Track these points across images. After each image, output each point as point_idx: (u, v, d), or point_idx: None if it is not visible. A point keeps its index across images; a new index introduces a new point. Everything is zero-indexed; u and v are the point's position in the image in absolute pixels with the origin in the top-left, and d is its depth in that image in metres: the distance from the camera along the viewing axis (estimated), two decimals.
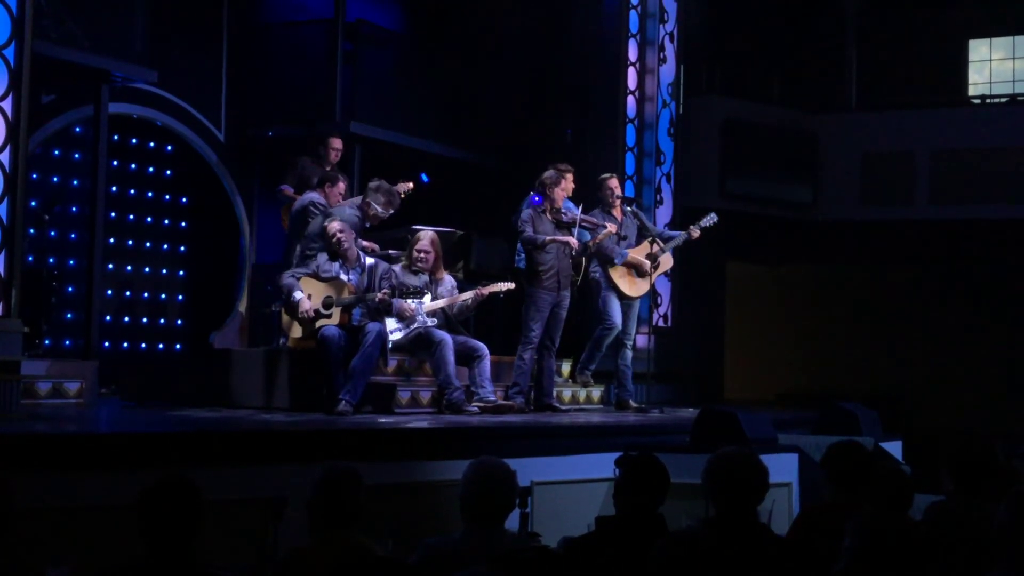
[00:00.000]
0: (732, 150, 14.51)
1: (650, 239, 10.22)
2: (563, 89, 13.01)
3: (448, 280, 9.64)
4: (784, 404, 14.13)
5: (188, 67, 11.85)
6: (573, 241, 9.61)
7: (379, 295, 8.89)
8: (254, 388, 9.28)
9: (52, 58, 9.31)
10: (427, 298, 9.35)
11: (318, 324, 8.82)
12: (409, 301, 9.07)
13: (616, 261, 10.21)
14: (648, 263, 10.16)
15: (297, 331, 9.01)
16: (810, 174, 15.09)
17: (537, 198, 9.70)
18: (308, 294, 8.92)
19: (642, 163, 12.74)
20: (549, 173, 9.67)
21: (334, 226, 9.06)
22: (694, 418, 8.33)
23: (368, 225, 9.60)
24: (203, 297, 12.44)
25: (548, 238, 9.50)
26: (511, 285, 9.52)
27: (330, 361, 8.66)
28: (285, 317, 9.12)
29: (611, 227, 10.03)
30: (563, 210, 9.70)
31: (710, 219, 10.48)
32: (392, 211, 9.56)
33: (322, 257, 9.12)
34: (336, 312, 8.83)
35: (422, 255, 9.38)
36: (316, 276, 9.02)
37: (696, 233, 10.40)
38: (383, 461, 6.68)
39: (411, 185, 10.26)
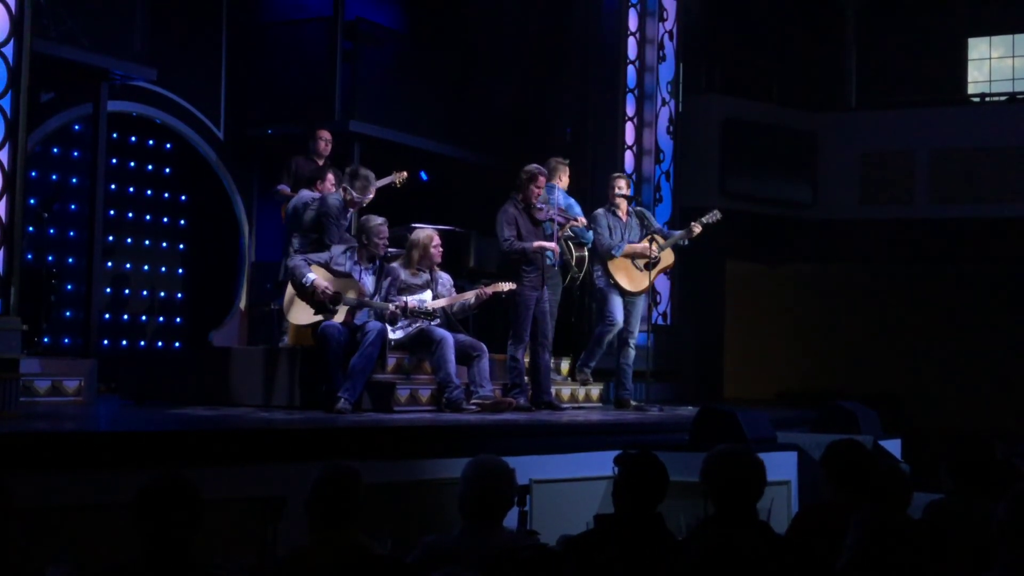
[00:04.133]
0: (731, 149, 14.52)
1: (650, 237, 10.22)
2: (562, 87, 13.00)
3: (446, 278, 9.65)
4: (783, 403, 14.14)
5: (187, 65, 11.85)
6: (554, 247, 9.56)
7: (391, 308, 8.86)
8: (253, 386, 9.27)
9: (51, 56, 9.31)
10: (428, 295, 9.35)
11: (318, 317, 8.80)
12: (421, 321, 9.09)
13: (615, 253, 10.21)
14: (649, 247, 10.12)
15: (296, 316, 8.96)
16: (809, 173, 15.10)
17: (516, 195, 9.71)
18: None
19: (641, 161, 12.74)
20: (526, 168, 9.61)
21: (385, 230, 9.06)
22: (693, 416, 8.33)
23: (349, 212, 9.60)
24: (202, 295, 12.44)
25: (534, 245, 9.46)
26: (513, 285, 9.50)
27: (329, 359, 8.64)
28: (287, 301, 9.05)
29: (580, 219, 9.99)
30: (538, 206, 9.63)
31: (713, 215, 10.45)
32: (370, 196, 9.55)
33: (336, 250, 9.10)
34: (342, 310, 8.81)
35: (438, 248, 9.41)
36: (327, 267, 8.98)
37: (698, 229, 10.34)
38: (382, 460, 6.67)
39: (405, 175, 10.27)
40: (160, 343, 12.14)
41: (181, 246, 12.44)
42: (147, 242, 12.14)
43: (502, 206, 9.51)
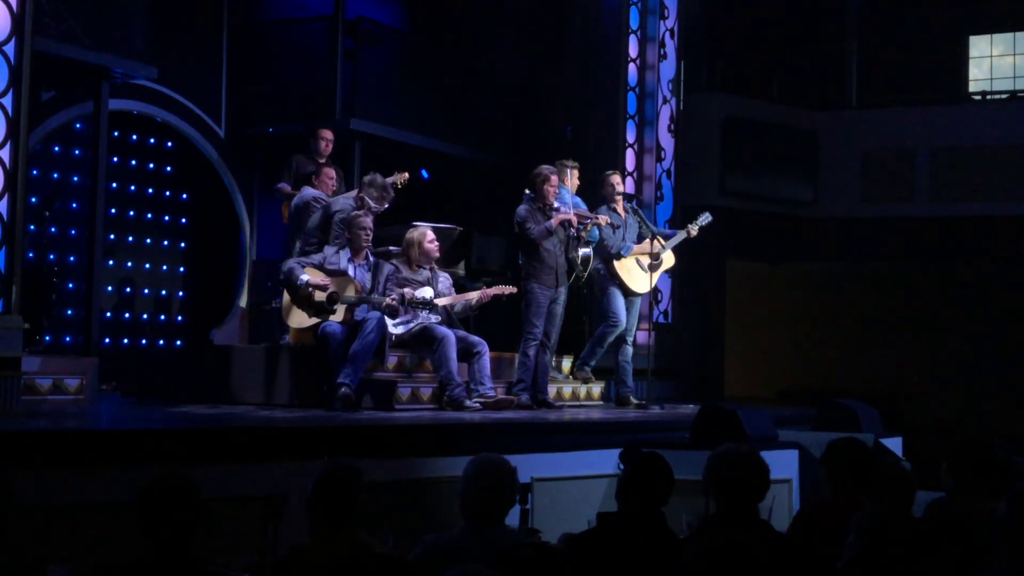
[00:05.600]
0: (732, 147, 14.52)
1: (651, 237, 10.24)
2: (564, 85, 13.00)
3: (445, 277, 9.67)
4: (784, 401, 14.15)
5: (188, 64, 11.85)
6: (572, 216, 9.61)
7: (387, 301, 8.86)
8: (254, 385, 9.28)
9: (52, 55, 9.31)
10: (428, 292, 9.36)
11: (316, 319, 8.81)
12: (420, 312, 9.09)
13: (623, 253, 10.22)
14: (650, 259, 10.18)
15: (295, 319, 8.97)
16: (810, 171, 15.10)
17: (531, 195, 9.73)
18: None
19: (642, 159, 12.74)
20: (538, 169, 9.65)
21: (367, 221, 9.07)
22: (694, 415, 8.33)
23: (366, 215, 9.62)
24: (203, 293, 12.45)
25: (554, 220, 9.47)
26: (513, 289, 9.54)
27: (331, 358, 8.65)
28: (285, 305, 9.07)
29: (602, 218, 10.02)
30: (555, 206, 9.66)
31: (704, 218, 10.53)
32: (386, 205, 9.56)
33: (329, 250, 9.11)
34: (340, 309, 8.81)
35: (435, 244, 9.42)
36: (321, 268, 9.00)
37: (694, 231, 10.45)
38: (383, 458, 6.68)
39: (407, 175, 10.30)
40: (161, 341, 12.14)
41: (182, 244, 12.45)
42: (148, 240, 12.14)
43: (517, 208, 9.55)
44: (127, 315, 11.91)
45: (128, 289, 11.97)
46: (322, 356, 8.71)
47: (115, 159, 11.53)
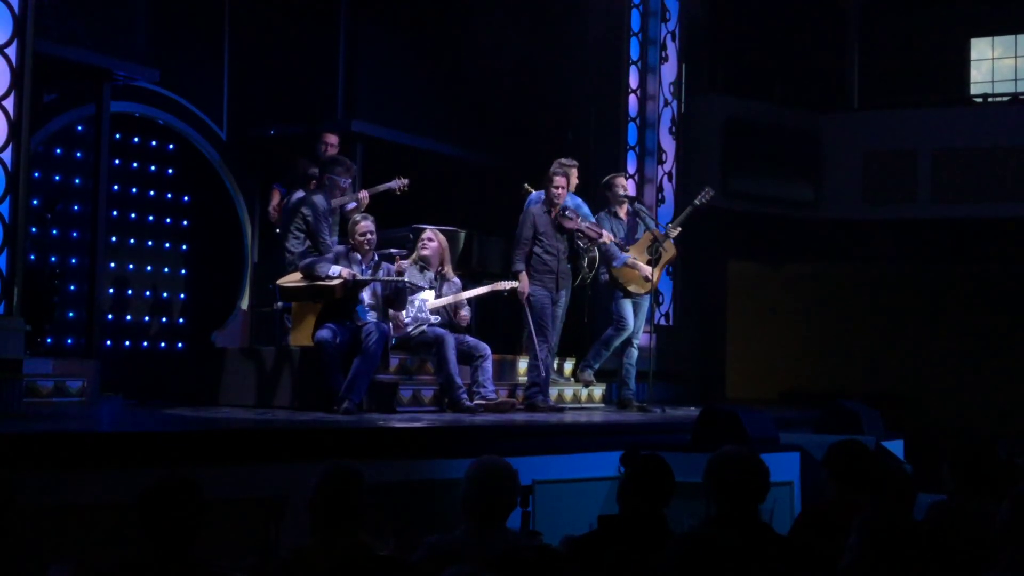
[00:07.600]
0: (734, 149, 14.52)
1: (652, 239, 10.25)
2: (565, 88, 13.00)
3: (455, 282, 9.69)
4: (786, 403, 14.14)
5: (190, 66, 11.84)
6: (583, 227, 9.62)
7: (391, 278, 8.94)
8: (256, 387, 9.28)
9: (54, 57, 9.31)
10: (431, 295, 9.38)
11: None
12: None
13: (615, 264, 10.21)
14: (648, 269, 10.15)
15: (288, 279, 9.00)
16: (812, 173, 15.10)
17: (540, 194, 9.75)
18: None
19: (644, 162, 12.74)
20: (551, 169, 9.67)
21: (366, 225, 9.09)
22: (696, 417, 8.33)
23: (339, 197, 9.69)
24: (205, 296, 12.43)
25: (566, 223, 9.48)
26: (512, 284, 9.54)
27: (327, 363, 8.64)
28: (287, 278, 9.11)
29: (606, 235, 10.01)
30: (567, 213, 9.65)
31: (706, 193, 10.53)
32: (351, 176, 9.71)
33: (340, 250, 9.14)
34: (336, 282, 8.76)
35: (424, 242, 9.46)
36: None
37: (674, 232, 10.45)
38: (385, 460, 6.68)
39: (407, 181, 10.32)
40: (163, 344, 12.13)
41: (184, 247, 12.43)
42: (150, 243, 12.13)
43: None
44: (128, 317, 11.90)
45: (130, 291, 11.96)
46: (318, 362, 8.69)
47: (117, 161, 11.52)
